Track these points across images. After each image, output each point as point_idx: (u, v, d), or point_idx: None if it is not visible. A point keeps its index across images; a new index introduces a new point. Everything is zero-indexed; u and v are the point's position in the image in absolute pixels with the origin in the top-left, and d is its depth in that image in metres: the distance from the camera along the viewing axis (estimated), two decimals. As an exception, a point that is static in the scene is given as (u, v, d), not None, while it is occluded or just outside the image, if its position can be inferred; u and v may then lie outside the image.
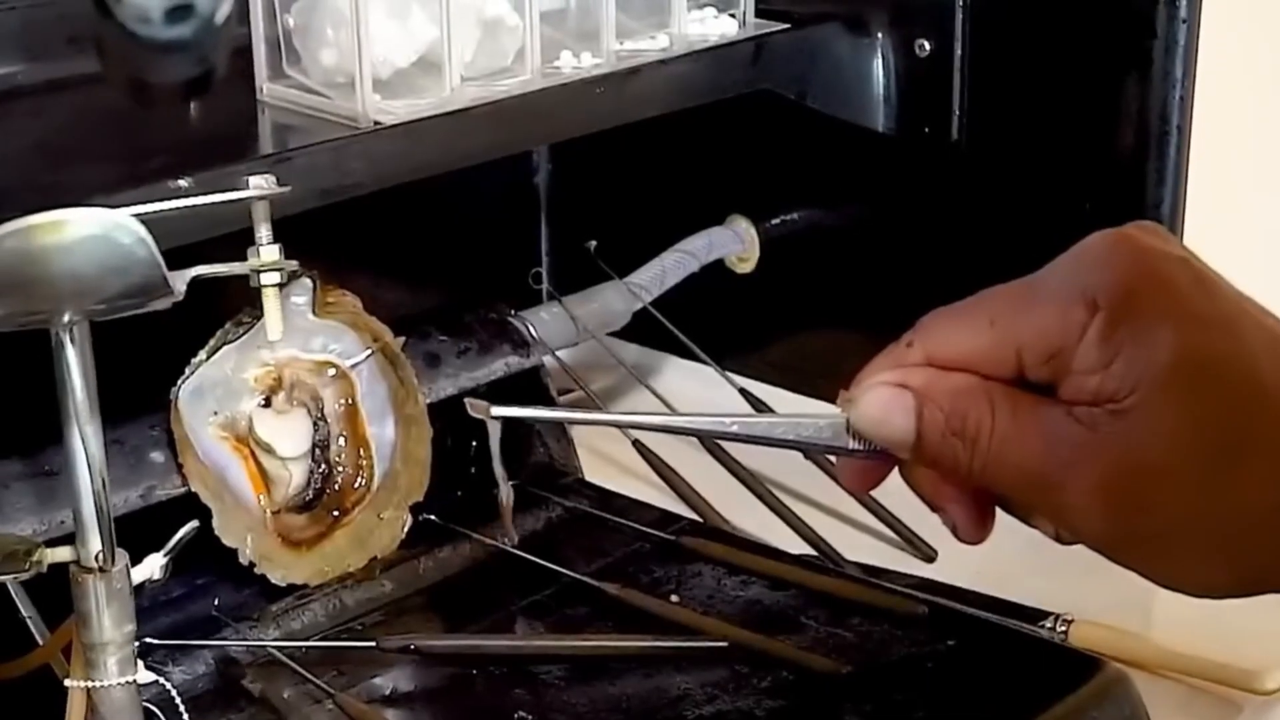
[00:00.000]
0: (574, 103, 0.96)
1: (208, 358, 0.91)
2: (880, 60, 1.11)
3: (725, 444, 1.07)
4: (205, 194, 0.62)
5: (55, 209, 0.73)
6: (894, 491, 0.60)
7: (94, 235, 0.52)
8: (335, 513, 0.96)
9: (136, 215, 0.53)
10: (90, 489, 0.67)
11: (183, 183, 0.80)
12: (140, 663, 0.71)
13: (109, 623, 0.69)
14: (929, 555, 1.05)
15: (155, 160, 0.88)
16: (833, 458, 0.62)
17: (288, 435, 0.94)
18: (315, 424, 0.95)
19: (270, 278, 0.67)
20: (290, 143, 0.93)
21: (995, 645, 0.89)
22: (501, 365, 1.05)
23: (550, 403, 1.08)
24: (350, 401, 0.96)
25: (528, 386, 1.07)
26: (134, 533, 0.71)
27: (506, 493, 0.49)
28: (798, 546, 1.03)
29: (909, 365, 0.58)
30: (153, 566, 0.71)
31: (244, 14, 0.96)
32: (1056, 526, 0.58)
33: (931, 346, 0.58)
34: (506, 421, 0.57)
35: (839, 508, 1.09)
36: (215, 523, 0.90)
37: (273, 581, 0.93)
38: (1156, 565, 0.57)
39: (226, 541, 0.91)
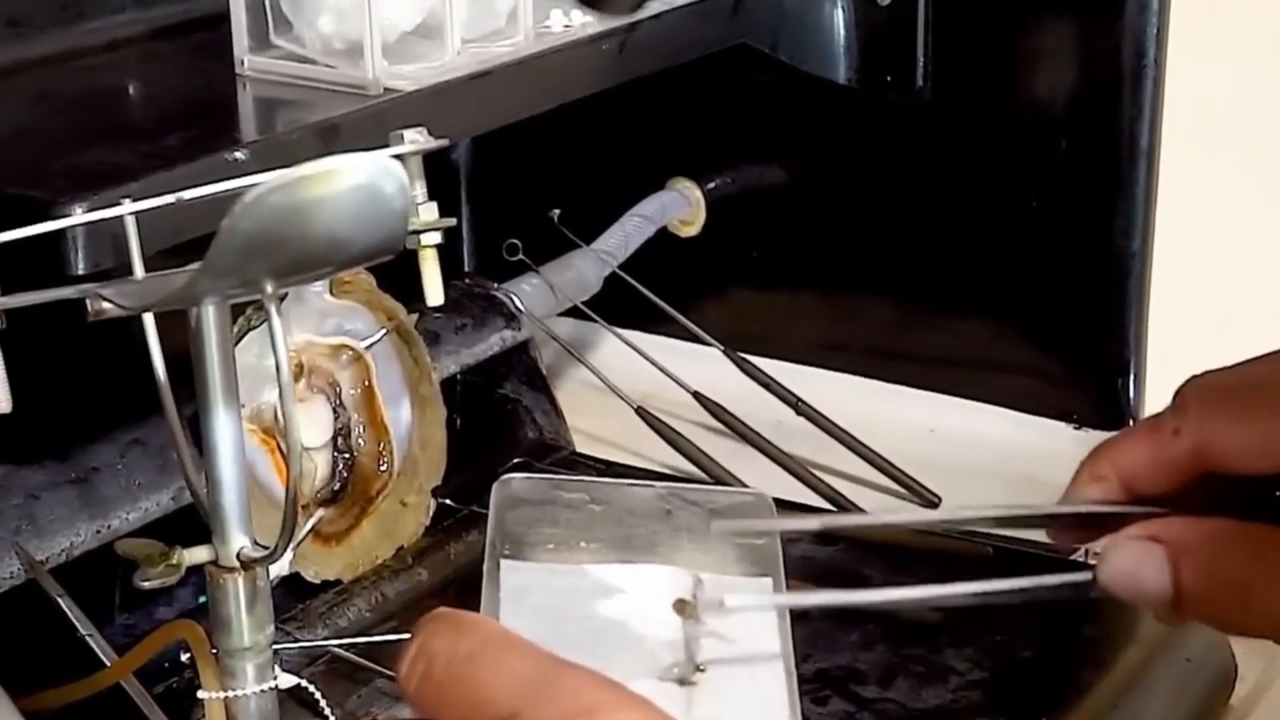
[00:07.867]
0: (584, 61, 0.92)
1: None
2: (841, 9, 1.09)
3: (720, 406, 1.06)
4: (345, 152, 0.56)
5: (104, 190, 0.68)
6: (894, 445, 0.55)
7: (360, 185, 0.47)
8: (362, 503, 0.91)
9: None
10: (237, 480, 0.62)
11: (239, 155, 0.75)
12: (278, 667, 0.66)
13: (251, 626, 0.64)
14: (932, 502, 1.05)
15: (170, 138, 0.82)
16: None
17: (310, 424, 0.89)
18: (335, 411, 0.90)
19: (431, 238, 0.62)
20: (284, 117, 0.88)
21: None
22: (497, 340, 1.02)
23: (538, 376, 1.05)
24: (366, 385, 0.91)
25: (519, 360, 1.03)
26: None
27: None
28: (814, 501, 1.01)
29: (1173, 463, 0.53)
30: (284, 563, 0.67)
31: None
32: None
33: (1205, 436, 0.52)
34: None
35: (833, 463, 1.07)
36: (249, 521, 0.85)
37: (306, 579, 0.88)
38: None
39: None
